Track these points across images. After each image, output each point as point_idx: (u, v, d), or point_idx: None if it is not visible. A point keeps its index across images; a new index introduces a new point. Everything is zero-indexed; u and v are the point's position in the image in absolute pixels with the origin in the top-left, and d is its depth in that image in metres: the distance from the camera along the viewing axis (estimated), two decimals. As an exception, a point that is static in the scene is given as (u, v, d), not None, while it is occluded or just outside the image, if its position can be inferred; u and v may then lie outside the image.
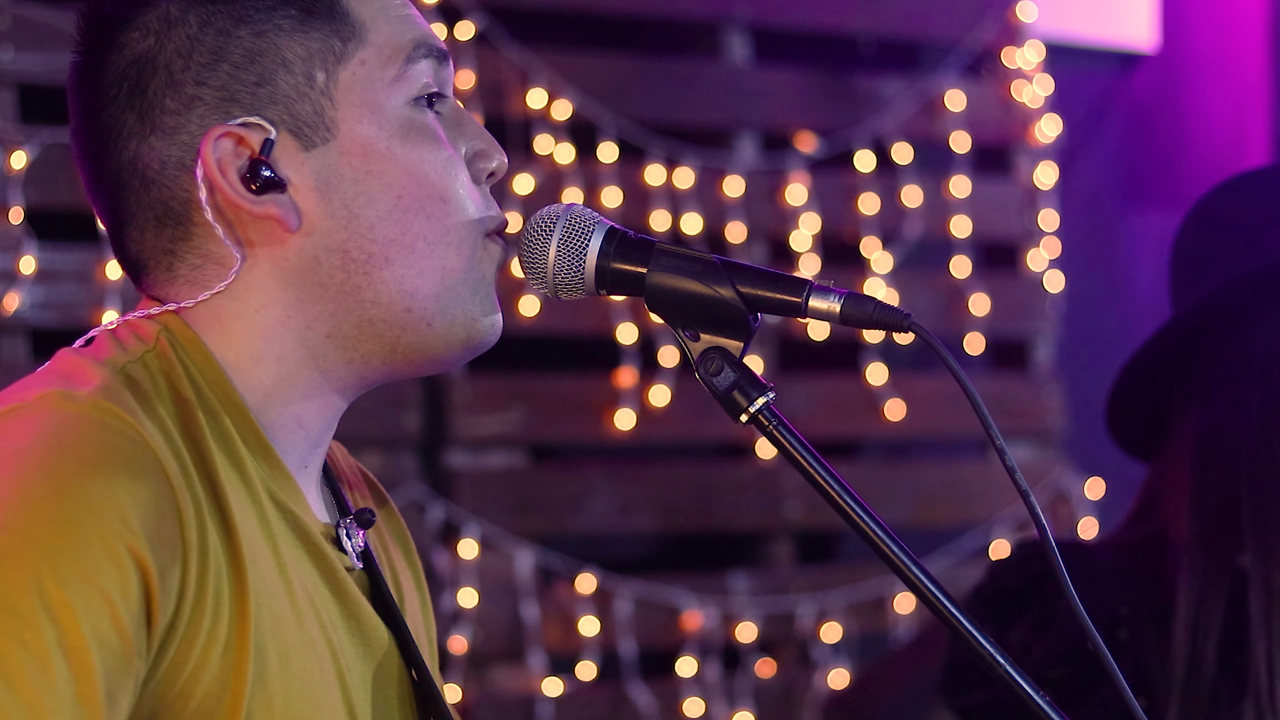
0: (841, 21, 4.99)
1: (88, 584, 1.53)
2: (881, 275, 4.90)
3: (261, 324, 1.71)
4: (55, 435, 1.58)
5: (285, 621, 1.65)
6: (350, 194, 1.71)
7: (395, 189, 1.71)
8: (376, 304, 1.72)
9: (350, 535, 1.77)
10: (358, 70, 1.72)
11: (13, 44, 3.82)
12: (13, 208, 3.78)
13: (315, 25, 1.71)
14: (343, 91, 1.71)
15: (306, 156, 1.70)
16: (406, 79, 1.73)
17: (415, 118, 1.73)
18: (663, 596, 4.59)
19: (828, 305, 1.69)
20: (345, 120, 1.71)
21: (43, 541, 1.53)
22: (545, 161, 4.48)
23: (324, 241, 1.71)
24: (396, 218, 1.71)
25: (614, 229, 1.74)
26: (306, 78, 1.70)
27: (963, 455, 5.15)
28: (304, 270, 1.71)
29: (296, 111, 1.70)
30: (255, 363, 1.71)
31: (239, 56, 1.70)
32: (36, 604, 1.51)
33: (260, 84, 1.70)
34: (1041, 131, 5.14)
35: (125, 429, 1.59)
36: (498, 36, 4.43)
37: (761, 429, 1.69)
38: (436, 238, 1.72)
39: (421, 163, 1.72)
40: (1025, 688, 1.64)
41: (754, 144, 4.83)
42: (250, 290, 1.71)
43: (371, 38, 1.73)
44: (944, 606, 1.65)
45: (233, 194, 1.69)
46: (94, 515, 1.54)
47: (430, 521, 4.35)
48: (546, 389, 4.55)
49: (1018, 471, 1.65)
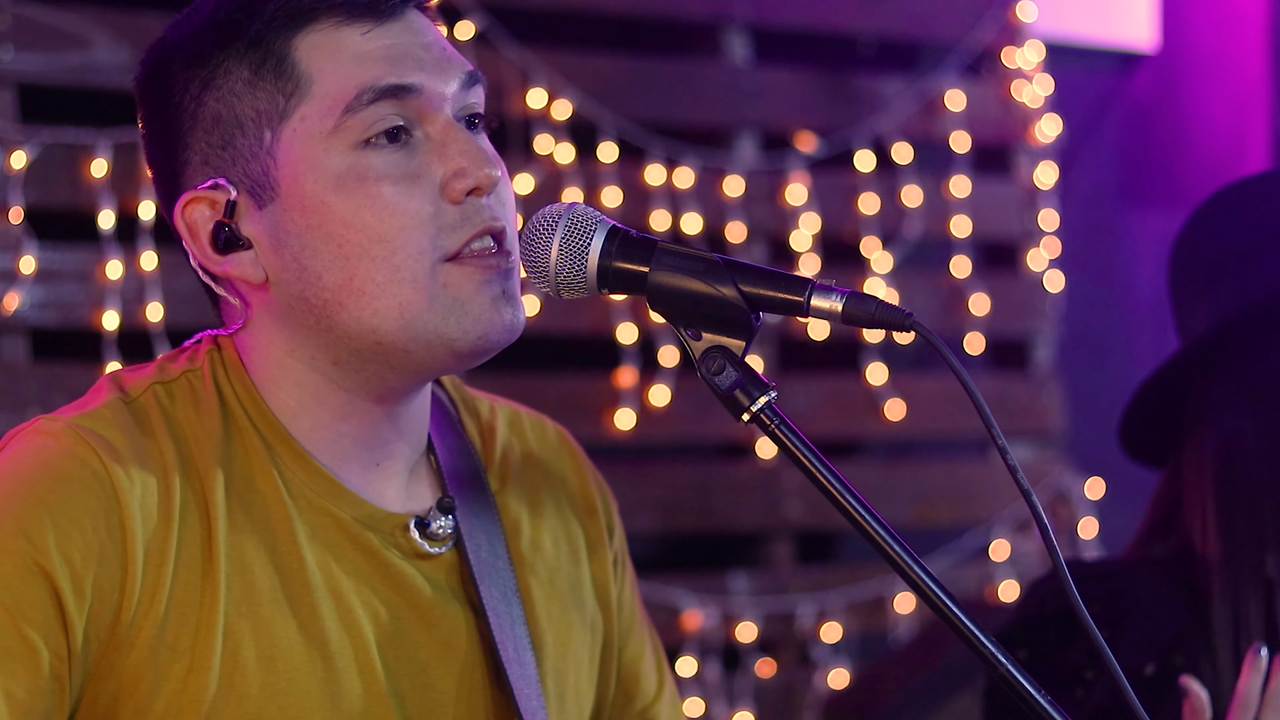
0: (841, 21, 4.99)
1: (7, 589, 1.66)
2: (881, 275, 4.90)
3: (273, 356, 1.80)
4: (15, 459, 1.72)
5: (276, 625, 1.69)
6: (296, 247, 1.77)
7: (335, 239, 1.76)
8: (352, 339, 1.78)
9: (431, 521, 1.83)
10: (298, 126, 1.77)
11: (13, 44, 3.81)
12: (13, 208, 3.77)
13: (264, 84, 1.77)
14: (284, 149, 1.76)
15: (261, 215, 1.78)
16: (347, 128, 1.77)
17: (356, 164, 1.76)
18: (663, 596, 4.59)
19: (830, 304, 1.69)
20: (285, 179, 1.76)
21: None
22: (545, 161, 4.47)
23: (286, 292, 1.79)
24: (340, 265, 1.76)
25: (616, 228, 1.75)
26: (257, 138, 1.77)
27: (963, 455, 5.15)
28: (288, 315, 1.79)
29: (250, 172, 1.77)
30: (278, 387, 1.80)
31: (208, 121, 1.78)
32: None
33: (224, 147, 1.78)
34: (1041, 131, 5.14)
35: (73, 457, 1.70)
36: (498, 36, 4.43)
37: (763, 428, 1.69)
38: (385, 278, 1.76)
39: (358, 210, 1.76)
40: (1026, 688, 1.64)
41: (754, 144, 4.83)
42: (259, 328, 1.81)
43: (316, 90, 1.77)
44: (945, 606, 1.65)
45: (201, 256, 1.79)
46: (6, 534, 1.68)
47: (430, 521, 4.35)
48: (546, 389, 4.55)
49: (1020, 471, 1.65)
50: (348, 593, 1.74)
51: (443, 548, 1.81)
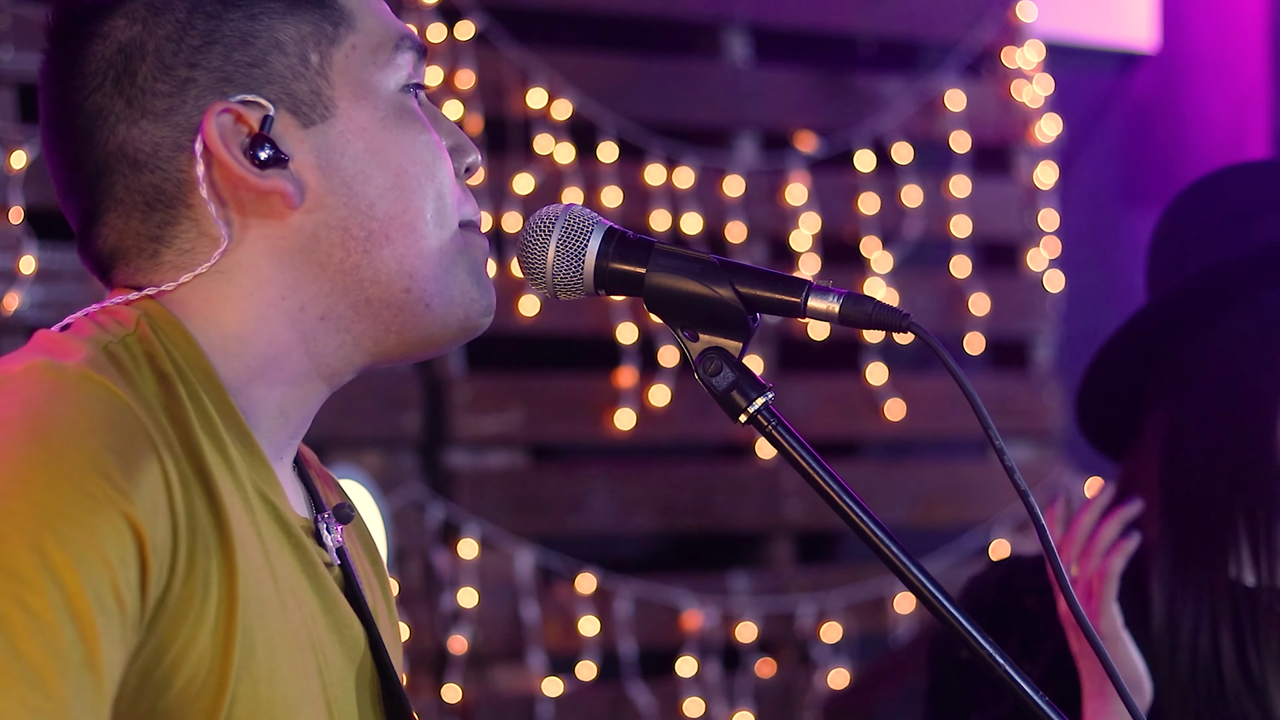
0: (841, 21, 5.00)
1: (89, 547, 1.51)
2: (881, 275, 4.90)
3: (253, 305, 1.70)
4: (47, 402, 1.57)
5: (271, 609, 1.64)
6: (350, 171, 1.71)
7: (393, 167, 1.72)
8: (375, 283, 1.71)
9: (329, 530, 1.77)
10: (350, 54, 1.73)
11: (13, 44, 3.82)
12: (13, 208, 3.78)
13: (304, 10, 1.72)
14: (338, 72, 1.72)
15: (305, 134, 1.70)
16: (395, 65, 1.74)
17: (405, 102, 1.74)
18: (663, 596, 4.59)
19: (826, 305, 1.69)
20: (342, 99, 1.71)
21: (42, 505, 1.51)
22: (545, 161, 4.48)
23: (325, 218, 1.70)
24: (396, 195, 1.71)
25: (613, 229, 1.74)
26: (300, 59, 1.71)
27: (963, 455, 5.15)
28: (303, 249, 1.70)
29: (293, 90, 1.70)
30: (242, 345, 1.70)
31: (232, 39, 1.70)
32: (39, 567, 1.49)
33: (254, 65, 1.70)
34: (1041, 131, 5.14)
35: (113, 399, 1.58)
36: (498, 36, 4.43)
37: (760, 429, 1.69)
38: (434, 219, 1.72)
39: (415, 142, 1.73)
40: (1025, 688, 1.64)
41: (754, 144, 4.84)
42: (243, 270, 1.70)
43: (359, 24, 1.74)
44: (944, 607, 1.65)
45: (238, 168, 1.68)
46: (91, 480, 1.53)
47: (430, 521, 4.35)
48: (546, 389, 4.55)
49: (1017, 472, 1.65)
50: (295, 589, 1.71)
51: (336, 560, 1.77)
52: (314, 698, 1.69)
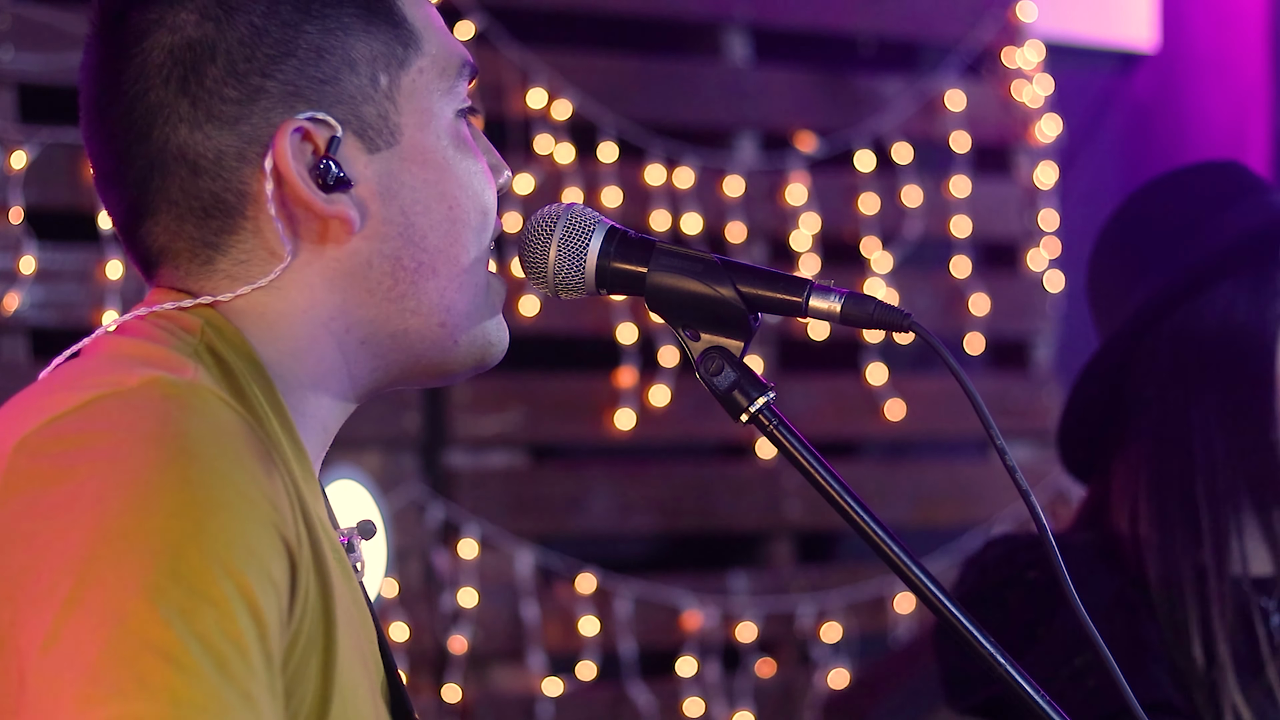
0: (841, 21, 5.00)
1: (262, 570, 1.48)
2: (881, 275, 4.90)
3: (306, 323, 1.68)
4: (188, 421, 1.52)
5: (351, 624, 1.62)
6: (409, 200, 1.69)
7: (448, 199, 1.70)
8: (416, 314, 1.70)
9: (354, 546, 1.76)
10: (417, 78, 1.70)
11: (13, 44, 3.82)
12: (13, 208, 3.78)
13: (378, 28, 1.69)
14: (405, 97, 1.69)
15: (370, 159, 1.68)
16: (455, 93, 1.72)
17: (460, 130, 1.72)
18: (663, 596, 4.59)
19: (828, 305, 1.69)
20: (408, 126, 1.69)
21: (217, 527, 1.47)
22: (545, 161, 4.48)
23: (380, 247, 1.68)
24: (446, 228, 1.70)
25: (614, 228, 1.74)
26: (371, 79, 1.68)
27: (963, 455, 5.15)
28: (355, 273, 1.68)
29: (362, 113, 1.67)
30: (296, 361, 1.68)
31: (306, 52, 1.66)
32: (230, 591, 1.45)
33: (326, 82, 1.66)
34: (1041, 131, 5.14)
35: (239, 416, 1.56)
36: (498, 36, 4.43)
37: (762, 429, 1.69)
38: (475, 251, 1.72)
39: (469, 174, 1.71)
40: (1025, 688, 1.64)
41: (754, 144, 4.83)
42: (299, 289, 1.67)
43: (427, 48, 1.71)
44: (944, 606, 1.65)
45: (304, 190, 1.65)
46: (251, 500, 1.50)
47: (430, 521, 4.35)
48: (546, 389, 4.55)
49: (1018, 471, 1.65)
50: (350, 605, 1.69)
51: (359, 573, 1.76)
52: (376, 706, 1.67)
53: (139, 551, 1.44)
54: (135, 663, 1.41)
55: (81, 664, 1.41)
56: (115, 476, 1.48)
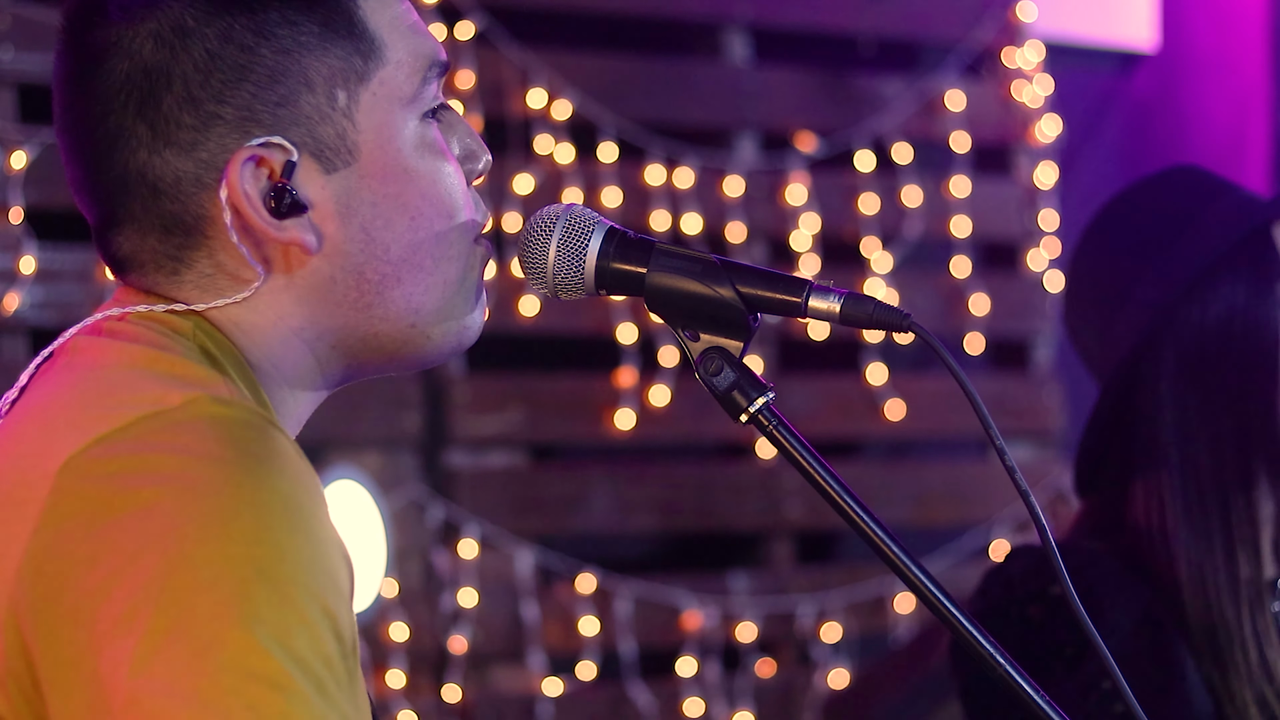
0: (841, 21, 5.00)
1: (337, 589, 1.51)
2: (881, 275, 4.90)
3: (278, 332, 1.71)
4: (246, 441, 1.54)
5: None
6: (369, 216, 1.70)
7: (410, 210, 1.71)
8: (385, 319, 1.72)
9: None
10: (378, 90, 1.70)
11: (13, 44, 3.82)
12: (13, 208, 3.78)
13: (336, 42, 1.69)
14: (364, 113, 1.69)
15: (327, 180, 1.69)
16: (420, 99, 1.72)
17: (425, 134, 1.73)
18: (663, 596, 4.59)
19: (827, 305, 1.69)
20: (367, 143, 1.69)
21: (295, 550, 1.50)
22: (545, 161, 4.48)
23: (342, 263, 1.70)
24: (410, 238, 1.71)
25: (614, 229, 1.74)
26: (329, 98, 1.68)
27: (963, 455, 5.15)
28: (320, 289, 1.70)
29: (319, 134, 1.68)
30: (273, 365, 1.71)
31: (261, 75, 1.66)
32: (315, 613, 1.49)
33: (282, 104, 1.67)
34: (1041, 131, 5.14)
35: (283, 433, 1.58)
36: (498, 36, 4.43)
37: (761, 429, 1.69)
38: (441, 253, 1.72)
39: (434, 181, 1.72)
40: (1026, 688, 1.64)
41: (754, 144, 4.84)
42: (268, 305, 1.70)
43: (390, 55, 1.71)
44: (944, 606, 1.65)
45: (256, 218, 1.66)
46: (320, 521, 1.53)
47: (430, 521, 4.35)
48: (546, 389, 4.55)
49: (1018, 471, 1.65)
50: None
51: None
52: None
53: (226, 579, 1.47)
54: (243, 692, 1.44)
55: (184, 694, 1.44)
56: (186, 500, 1.50)
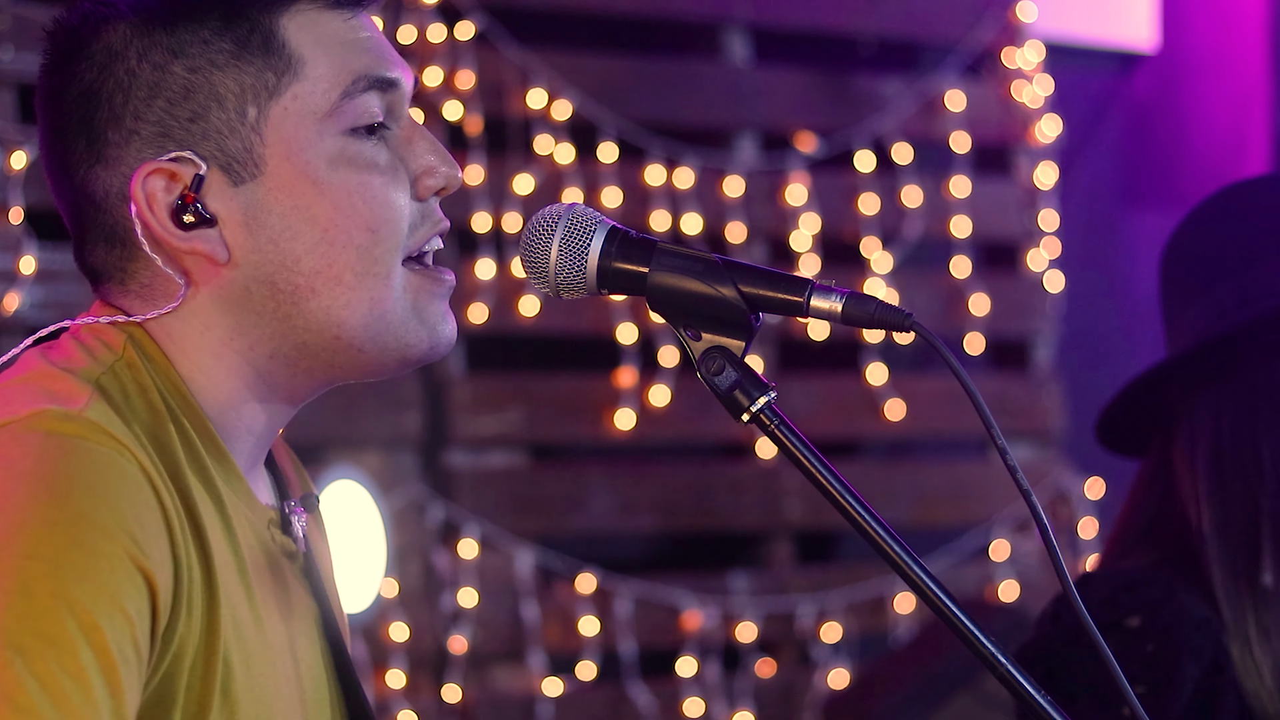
0: (841, 21, 5.00)
1: (113, 604, 1.57)
2: (881, 275, 4.90)
3: (208, 345, 1.75)
4: (60, 458, 1.62)
5: (247, 628, 1.69)
6: (277, 229, 1.73)
7: (321, 222, 1.74)
8: (307, 330, 1.75)
9: (297, 519, 1.82)
10: (290, 105, 1.74)
11: (13, 44, 3.82)
12: (13, 208, 3.78)
13: (249, 59, 1.73)
14: (273, 127, 1.73)
15: (235, 192, 1.73)
16: (341, 113, 1.75)
17: (348, 149, 1.75)
18: (663, 596, 4.59)
19: (829, 305, 1.69)
20: (273, 156, 1.73)
21: (69, 566, 1.57)
22: (545, 161, 4.48)
23: (253, 274, 1.74)
24: (322, 251, 1.74)
25: (616, 228, 1.75)
26: (239, 113, 1.73)
27: (963, 455, 5.15)
28: (238, 299, 1.74)
29: (227, 147, 1.73)
30: (208, 378, 1.75)
31: (173, 92, 1.73)
32: (73, 629, 1.55)
33: (193, 120, 1.73)
34: (1041, 131, 5.14)
35: (122, 451, 1.63)
36: (498, 36, 4.43)
37: (763, 428, 1.69)
38: (363, 269, 1.75)
39: (350, 195, 1.74)
40: (1026, 688, 1.64)
41: (754, 144, 4.83)
42: (194, 314, 1.75)
43: (308, 71, 1.75)
44: (944, 606, 1.65)
45: (160, 230, 1.72)
46: (111, 538, 1.59)
47: (430, 521, 4.35)
48: (546, 389, 4.55)
49: (1019, 471, 1.64)
50: (266, 601, 1.74)
51: (300, 547, 1.81)
52: (292, 698, 1.74)
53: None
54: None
55: None
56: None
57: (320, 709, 1.79)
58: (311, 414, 4.44)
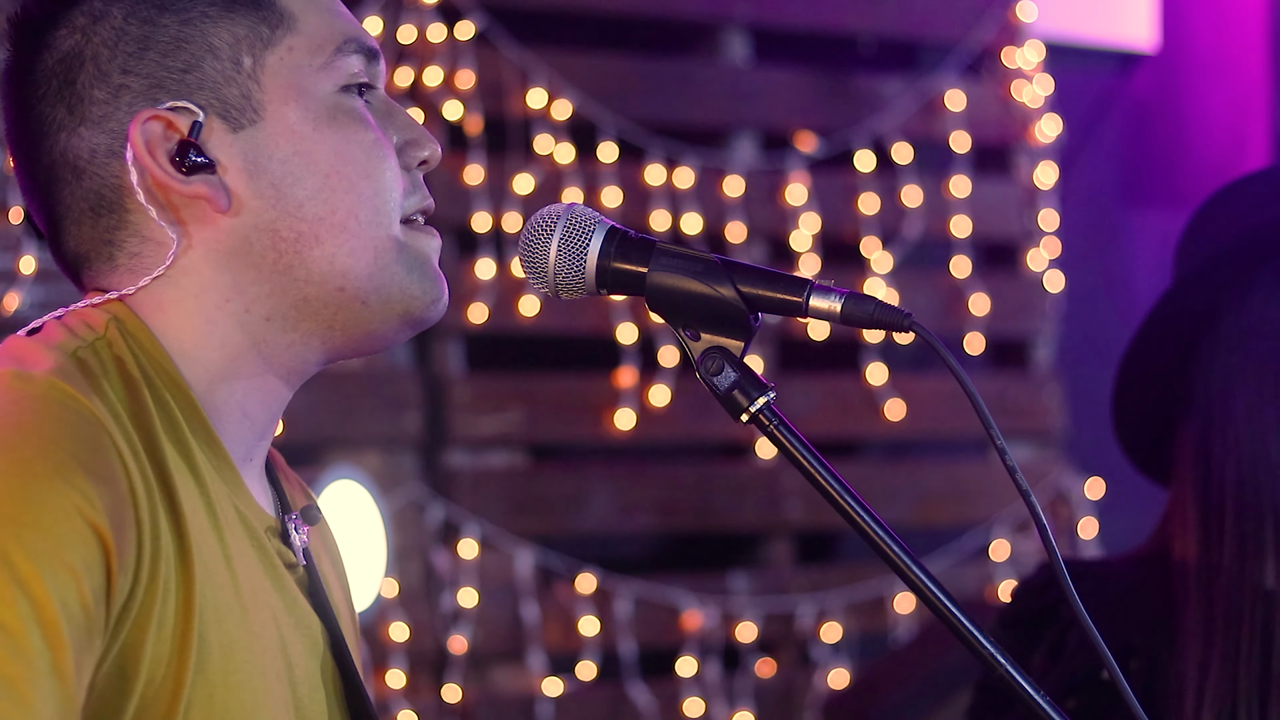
0: (841, 21, 5.00)
1: (55, 557, 1.54)
2: (881, 275, 4.90)
3: (202, 309, 1.73)
4: (13, 414, 1.60)
5: (230, 614, 1.67)
6: (278, 174, 1.73)
7: (323, 168, 1.74)
8: (310, 282, 1.74)
9: (297, 531, 1.79)
10: (285, 56, 1.75)
11: (13, 44, 3.82)
12: (13, 208, 3.78)
13: (241, 13, 1.74)
14: (270, 75, 1.74)
15: (235, 138, 1.73)
16: (335, 68, 1.76)
17: (343, 102, 1.76)
18: (663, 596, 4.59)
19: (829, 305, 1.69)
20: (272, 102, 1.73)
21: (8, 516, 1.54)
22: (545, 161, 4.48)
23: (254, 221, 1.73)
24: (325, 196, 1.73)
25: (615, 228, 1.75)
26: (233, 62, 1.73)
27: (963, 455, 5.15)
28: (237, 251, 1.73)
29: (224, 95, 1.73)
30: (199, 348, 1.73)
31: (165, 44, 1.73)
32: (7, 578, 1.52)
33: (187, 70, 1.73)
34: (1041, 131, 5.14)
35: (80, 408, 1.61)
36: (498, 36, 4.43)
37: (762, 429, 1.69)
38: (368, 217, 1.74)
39: (348, 143, 1.74)
40: (1026, 689, 1.64)
41: (754, 144, 4.84)
42: (188, 275, 1.73)
43: (301, 26, 1.76)
44: (944, 606, 1.65)
45: (162, 175, 1.71)
46: (57, 490, 1.56)
47: (430, 521, 4.35)
48: (546, 389, 4.55)
49: (1018, 471, 1.64)
50: (259, 590, 1.72)
51: (302, 560, 1.79)
52: (281, 698, 1.72)
53: None
54: None
55: None
56: None
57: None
58: (311, 414, 4.45)
